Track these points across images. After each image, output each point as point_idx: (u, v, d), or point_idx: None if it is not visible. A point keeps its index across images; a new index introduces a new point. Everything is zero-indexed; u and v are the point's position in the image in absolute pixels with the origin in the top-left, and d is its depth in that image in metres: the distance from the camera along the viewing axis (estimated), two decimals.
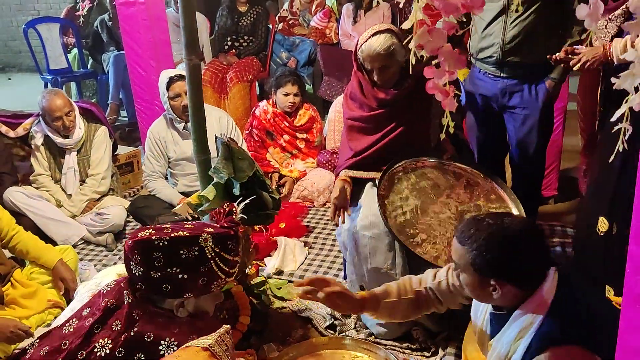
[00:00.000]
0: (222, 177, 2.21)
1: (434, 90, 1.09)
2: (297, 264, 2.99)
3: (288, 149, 3.93)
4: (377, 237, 2.29)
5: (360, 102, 2.46)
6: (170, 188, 3.34)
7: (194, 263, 1.66)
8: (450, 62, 1.05)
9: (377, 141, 2.44)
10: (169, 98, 3.23)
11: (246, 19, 5.19)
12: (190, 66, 2.21)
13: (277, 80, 3.85)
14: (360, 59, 2.35)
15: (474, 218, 1.52)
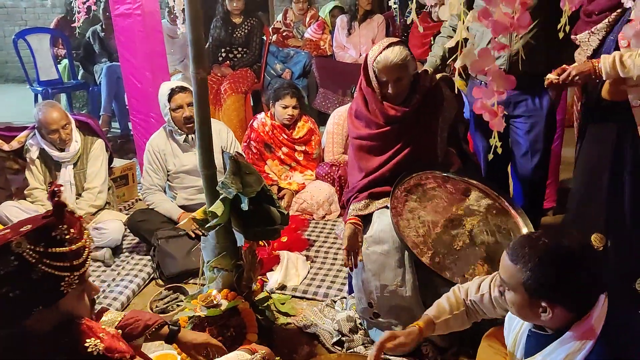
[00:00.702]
0: (230, 192, 2.17)
1: (482, 110, 1.07)
2: (300, 278, 2.96)
3: (286, 162, 3.90)
4: (386, 254, 2.26)
5: (366, 120, 2.44)
6: (169, 202, 3.29)
7: (18, 275, 1.31)
8: (499, 82, 1.03)
9: (387, 160, 2.41)
10: (171, 110, 3.18)
11: (240, 30, 5.17)
12: (198, 80, 2.18)
13: (275, 93, 3.83)
14: (376, 71, 2.32)
15: (529, 235, 1.48)
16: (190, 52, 2.16)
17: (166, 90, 3.18)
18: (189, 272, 3.00)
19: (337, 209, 3.74)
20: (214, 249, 2.37)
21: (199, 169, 2.34)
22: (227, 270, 2.37)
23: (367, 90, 2.39)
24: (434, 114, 2.44)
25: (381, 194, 2.40)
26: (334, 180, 3.77)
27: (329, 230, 3.54)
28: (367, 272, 2.33)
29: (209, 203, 2.36)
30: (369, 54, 2.35)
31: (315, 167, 3.91)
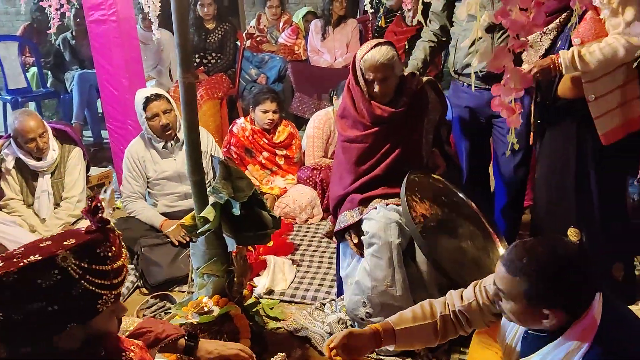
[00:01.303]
0: (221, 197, 2.16)
1: (500, 107, 1.09)
2: (287, 283, 2.95)
3: (268, 166, 3.89)
4: (376, 252, 2.28)
5: (353, 120, 2.46)
6: (151, 209, 3.25)
7: (60, 289, 1.29)
8: (516, 79, 1.05)
9: (378, 162, 2.44)
10: (147, 119, 3.14)
11: (214, 35, 5.14)
12: (186, 84, 2.16)
13: (255, 98, 3.82)
14: (363, 69, 2.35)
15: (522, 245, 1.47)
16: (177, 56, 2.14)
17: (141, 99, 3.14)
18: (174, 279, 2.96)
19: (319, 213, 3.75)
20: (204, 255, 2.35)
21: (187, 175, 2.31)
22: (218, 276, 2.36)
23: (356, 89, 2.41)
24: (420, 116, 2.48)
25: (371, 198, 2.41)
26: (315, 184, 3.78)
27: (312, 233, 3.54)
28: (359, 272, 2.34)
29: (198, 209, 2.34)
30: (358, 53, 2.38)
31: (296, 171, 3.91)
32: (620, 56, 2.09)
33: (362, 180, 2.44)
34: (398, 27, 4.91)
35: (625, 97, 2.23)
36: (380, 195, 2.42)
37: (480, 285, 1.77)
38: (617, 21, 2.03)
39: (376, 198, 2.41)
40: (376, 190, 2.43)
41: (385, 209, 2.35)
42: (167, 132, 3.17)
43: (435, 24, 2.87)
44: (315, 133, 3.88)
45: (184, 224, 2.38)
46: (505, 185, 2.97)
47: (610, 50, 2.09)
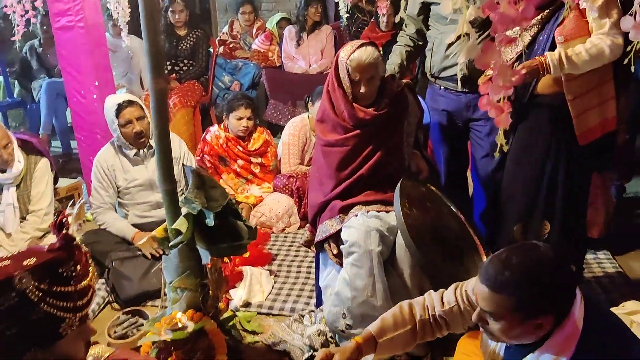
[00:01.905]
0: (194, 207, 2.07)
1: (488, 106, 1.03)
2: (265, 294, 2.86)
3: (243, 175, 3.80)
4: (356, 261, 2.21)
5: (333, 124, 2.40)
6: (122, 220, 3.13)
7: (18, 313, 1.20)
8: (505, 77, 0.99)
9: (359, 166, 2.38)
10: (120, 125, 3.04)
11: (185, 42, 5.04)
12: (157, 90, 2.07)
13: (229, 104, 3.73)
14: (349, 69, 2.30)
15: (498, 259, 1.40)
16: (147, 63, 2.05)
17: (113, 105, 3.04)
18: (147, 294, 2.86)
19: (296, 221, 3.67)
20: (176, 269, 2.25)
21: (158, 183, 2.22)
22: (192, 290, 2.26)
23: (338, 91, 2.35)
24: (400, 119, 2.44)
25: (352, 205, 2.35)
26: (292, 192, 3.70)
27: (290, 243, 3.47)
28: (339, 282, 2.27)
29: (170, 220, 2.24)
30: (341, 53, 2.33)
31: (272, 179, 3.83)
32: (606, 56, 2.09)
33: (344, 185, 2.38)
34: (373, 32, 4.88)
35: (602, 97, 2.23)
36: (362, 202, 2.35)
37: (461, 289, 1.72)
38: (602, 21, 2.02)
39: (357, 205, 2.35)
40: (357, 197, 2.36)
41: (366, 215, 2.29)
42: (141, 140, 3.08)
43: (411, 27, 2.83)
44: (290, 140, 3.80)
45: (156, 236, 2.29)
46: (484, 189, 2.94)
47: (596, 50, 2.08)
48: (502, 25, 0.95)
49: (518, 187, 2.47)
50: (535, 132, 2.40)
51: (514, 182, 2.49)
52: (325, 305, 2.41)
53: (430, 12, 2.76)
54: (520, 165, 2.47)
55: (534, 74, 2.21)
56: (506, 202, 2.53)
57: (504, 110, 1.00)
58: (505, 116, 1.01)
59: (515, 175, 2.49)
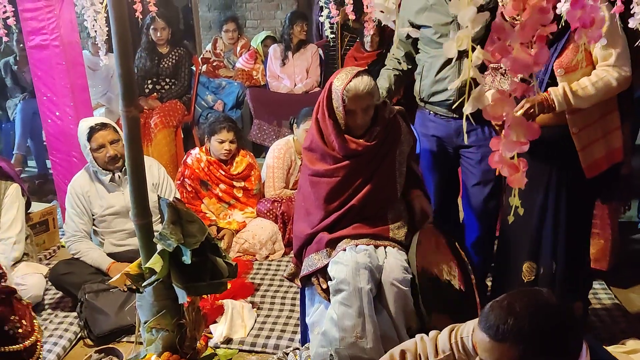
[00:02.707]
0: (170, 244, 1.93)
1: (500, 164, 0.91)
2: (247, 329, 2.71)
3: (225, 199, 3.66)
4: (344, 300, 2.08)
5: (321, 153, 2.28)
6: (97, 250, 2.97)
7: None
8: (519, 131, 0.87)
9: (349, 197, 2.26)
10: (92, 150, 2.90)
11: (167, 60, 4.92)
12: (129, 118, 1.94)
13: (211, 127, 3.60)
14: (346, 100, 2.18)
15: (500, 307, 1.31)
16: (119, 88, 1.92)
17: (85, 129, 2.89)
18: (122, 329, 2.70)
19: (281, 248, 3.53)
20: (151, 308, 2.10)
21: (132, 218, 2.08)
22: (168, 331, 2.11)
23: (328, 121, 2.23)
24: (393, 147, 2.32)
25: (340, 239, 2.23)
26: (276, 217, 3.57)
27: (274, 271, 3.33)
28: (329, 320, 2.13)
29: (144, 256, 2.10)
30: (335, 82, 2.21)
31: (255, 204, 3.69)
32: (613, 89, 2.01)
33: (333, 217, 2.25)
34: (358, 52, 4.78)
35: (607, 128, 2.14)
36: (350, 235, 2.23)
37: (456, 335, 1.62)
38: (607, 52, 1.94)
39: (345, 238, 2.22)
40: (346, 230, 2.24)
41: (354, 250, 2.16)
42: (116, 164, 2.93)
43: (399, 51, 2.74)
44: (275, 163, 3.68)
45: (129, 272, 2.14)
46: (476, 218, 2.83)
47: (603, 84, 2.00)
48: (516, 71, 0.84)
49: (522, 226, 2.35)
50: (534, 170, 2.29)
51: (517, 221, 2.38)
52: (312, 345, 2.27)
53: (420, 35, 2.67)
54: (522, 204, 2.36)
55: (540, 110, 2.11)
56: (511, 241, 2.42)
57: (519, 169, 0.88)
58: (520, 175, 0.89)
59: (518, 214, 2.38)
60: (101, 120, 3.01)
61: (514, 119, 0.88)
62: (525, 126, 0.88)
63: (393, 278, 2.13)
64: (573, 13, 0.80)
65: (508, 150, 0.90)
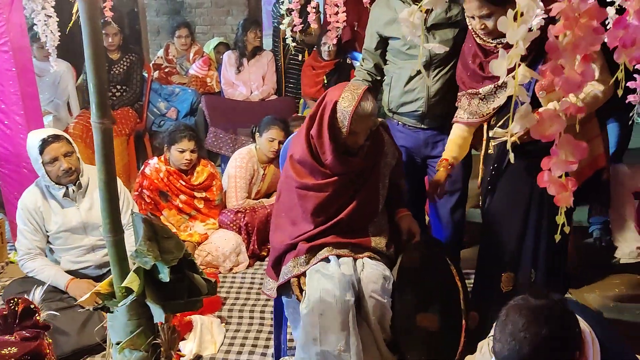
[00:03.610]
0: (147, 262, 1.85)
1: (549, 183, 0.91)
2: (217, 345, 2.65)
3: (186, 211, 3.56)
4: (327, 315, 2.06)
5: (311, 169, 2.24)
6: (53, 267, 2.81)
7: None
8: (568, 150, 0.88)
9: (337, 211, 2.24)
10: (44, 163, 2.73)
11: (118, 67, 4.77)
12: (103, 130, 1.84)
13: (170, 136, 3.50)
14: (353, 123, 2.13)
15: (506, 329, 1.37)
16: (92, 99, 1.83)
17: (36, 142, 2.71)
18: (85, 349, 2.58)
19: (245, 260, 3.47)
20: (124, 327, 2.01)
21: (104, 234, 1.98)
22: (142, 351, 2.03)
23: (328, 141, 2.16)
24: (378, 159, 2.32)
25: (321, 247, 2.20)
26: (240, 229, 3.50)
27: (239, 284, 3.26)
28: (307, 334, 2.10)
29: (116, 274, 2.00)
30: (342, 103, 2.14)
31: (217, 215, 3.61)
32: (600, 101, 2.08)
33: (319, 229, 2.23)
34: (316, 61, 4.79)
35: (587, 136, 2.21)
36: (332, 243, 2.21)
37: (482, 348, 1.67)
38: None
39: (327, 246, 2.20)
40: (327, 238, 2.21)
41: (337, 262, 2.14)
42: (70, 178, 2.78)
43: (368, 62, 2.75)
44: (237, 173, 3.61)
45: (100, 291, 2.04)
46: (443, 227, 2.89)
47: (591, 99, 2.06)
48: (567, 91, 0.85)
49: (503, 237, 2.40)
50: (517, 183, 2.34)
51: (498, 232, 2.42)
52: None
53: (387, 46, 2.69)
54: (504, 216, 2.40)
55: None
56: (491, 252, 2.46)
57: (568, 189, 0.89)
58: (568, 195, 0.90)
59: (500, 225, 2.42)
60: (53, 131, 2.84)
61: (563, 138, 0.89)
62: (573, 145, 0.89)
63: (372, 290, 2.13)
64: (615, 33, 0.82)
65: (557, 169, 0.90)
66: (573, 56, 0.82)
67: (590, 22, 0.81)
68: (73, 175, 2.79)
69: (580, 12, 0.80)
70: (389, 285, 2.16)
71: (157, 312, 1.96)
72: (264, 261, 3.52)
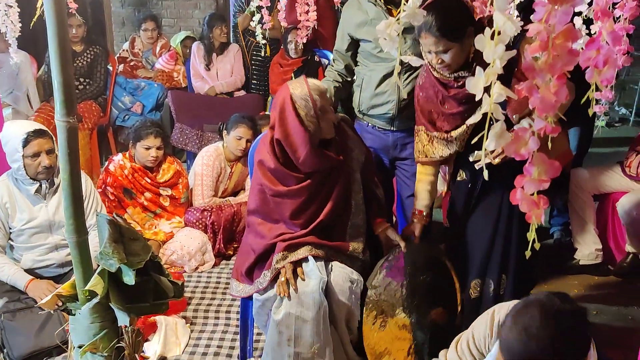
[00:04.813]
0: (112, 264, 1.81)
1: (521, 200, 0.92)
2: (182, 347, 2.62)
3: (151, 208, 3.50)
4: (305, 317, 2.05)
5: (282, 175, 2.22)
6: (13, 265, 2.73)
7: None
8: (541, 168, 0.89)
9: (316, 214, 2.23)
10: (25, 157, 2.65)
11: (82, 59, 4.66)
12: (67, 129, 1.79)
13: (136, 132, 3.43)
14: (317, 100, 2.15)
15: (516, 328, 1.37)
16: (57, 96, 1.77)
17: (20, 134, 2.64)
18: (43, 351, 2.51)
19: (211, 259, 3.43)
20: (87, 330, 1.96)
21: (67, 235, 1.93)
22: (105, 355, 1.98)
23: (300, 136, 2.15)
24: (344, 154, 2.31)
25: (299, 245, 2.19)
26: (206, 227, 3.46)
27: (204, 284, 3.23)
28: (281, 335, 2.08)
29: (79, 276, 1.95)
30: (296, 91, 2.15)
31: (183, 213, 3.56)
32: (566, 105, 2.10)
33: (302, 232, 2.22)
34: (283, 59, 4.76)
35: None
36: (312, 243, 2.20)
37: (461, 345, 1.70)
38: None
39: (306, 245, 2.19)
40: (307, 238, 2.20)
41: (315, 264, 2.14)
42: (47, 175, 2.71)
43: (339, 63, 2.75)
44: (204, 171, 3.57)
45: (62, 293, 1.99)
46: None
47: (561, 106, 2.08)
48: (542, 111, 0.86)
49: (472, 246, 2.42)
50: (489, 196, 2.37)
51: (469, 242, 2.44)
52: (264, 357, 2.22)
53: (358, 47, 2.69)
54: (474, 227, 2.43)
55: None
56: (462, 259, 2.48)
57: (539, 206, 0.90)
58: (540, 212, 0.91)
59: (470, 235, 2.44)
60: (39, 126, 2.76)
61: (536, 156, 0.90)
62: (546, 163, 0.90)
63: (339, 292, 2.13)
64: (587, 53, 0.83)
65: (530, 187, 0.91)
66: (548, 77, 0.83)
67: (566, 43, 0.83)
68: (51, 173, 2.73)
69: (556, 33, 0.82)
70: (356, 288, 2.16)
71: (122, 315, 1.93)
72: (230, 260, 3.49)
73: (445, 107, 2.24)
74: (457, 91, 2.18)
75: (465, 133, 2.23)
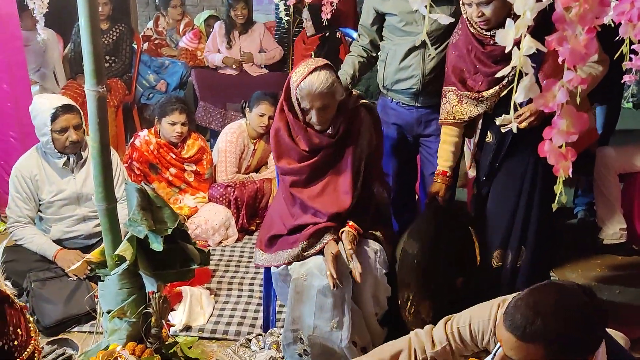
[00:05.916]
0: (140, 231, 1.86)
1: (549, 152, 0.92)
2: (206, 316, 2.67)
3: (175, 183, 3.55)
4: (324, 291, 2.07)
5: (286, 147, 2.23)
6: (42, 236, 2.80)
7: None
8: (570, 120, 0.89)
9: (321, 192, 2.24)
10: (53, 131, 2.70)
11: (107, 37, 4.69)
12: (97, 98, 1.85)
13: (161, 108, 3.46)
14: (299, 97, 2.12)
15: (527, 306, 1.30)
16: (87, 65, 1.82)
17: (48, 108, 2.68)
18: (72, 318, 2.58)
19: (234, 234, 3.47)
20: (115, 296, 2.03)
21: (96, 202, 1.99)
22: (133, 320, 2.04)
23: (289, 115, 2.18)
24: (352, 139, 2.26)
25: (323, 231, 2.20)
26: (229, 202, 3.50)
27: (228, 257, 3.27)
28: (304, 305, 2.11)
29: (108, 242, 2.01)
30: (293, 76, 2.14)
31: (207, 189, 3.60)
32: (598, 79, 2.11)
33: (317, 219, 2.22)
34: (304, 37, 4.76)
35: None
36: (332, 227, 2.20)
37: (452, 326, 1.65)
38: None
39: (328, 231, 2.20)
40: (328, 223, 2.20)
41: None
42: (75, 149, 2.77)
43: (364, 38, 2.73)
44: (227, 147, 3.60)
45: (92, 260, 2.05)
46: None
47: (592, 79, 2.08)
48: (572, 62, 0.85)
49: (497, 216, 2.42)
50: (513, 164, 2.36)
51: (494, 212, 2.45)
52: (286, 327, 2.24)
53: (384, 22, 2.68)
54: (499, 196, 2.42)
55: (540, 118, 2.16)
56: (486, 229, 2.48)
57: (567, 158, 0.90)
58: (567, 164, 0.91)
59: (495, 204, 2.44)
60: (67, 101, 2.81)
61: (565, 109, 0.90)
62: (575, 116, 0.90)
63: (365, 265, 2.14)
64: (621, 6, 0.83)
65: (558, 139, 0.91)
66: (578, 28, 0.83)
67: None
68: (78, 148, 2.78)
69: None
70: (380, 258, 2.18)
71: (150, 281, 1.98)
72: (252, 235, 3.53)
73: (478, 65, 2.23)
74: (492, 48, 2.16)
75: (497, 94, 2.22)
